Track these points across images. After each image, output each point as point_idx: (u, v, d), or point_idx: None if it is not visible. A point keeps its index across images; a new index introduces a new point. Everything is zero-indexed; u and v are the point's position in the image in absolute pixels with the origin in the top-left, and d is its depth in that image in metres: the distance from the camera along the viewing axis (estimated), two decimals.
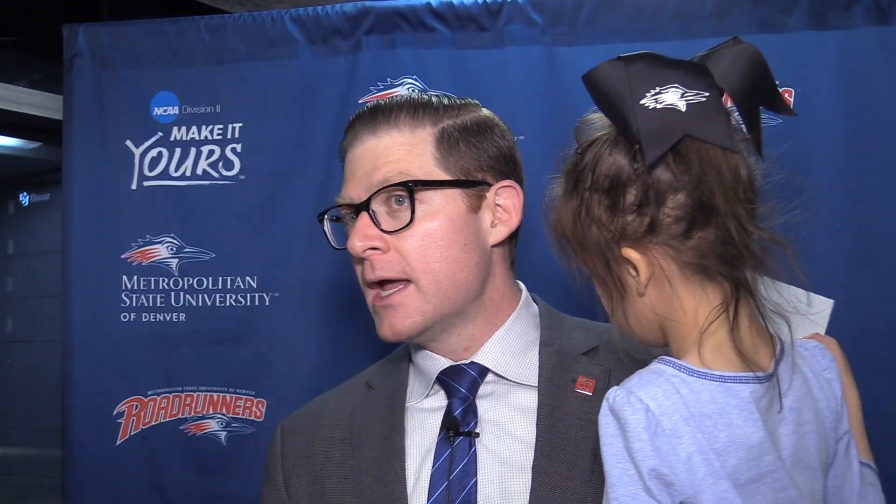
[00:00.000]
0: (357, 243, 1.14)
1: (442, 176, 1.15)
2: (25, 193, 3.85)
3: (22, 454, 3.85)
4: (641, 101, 0.88)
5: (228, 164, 2.10)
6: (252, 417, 2.06)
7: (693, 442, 0.87)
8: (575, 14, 1.97)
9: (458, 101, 1.22)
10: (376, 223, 1.14)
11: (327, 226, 1.25)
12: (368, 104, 1.21)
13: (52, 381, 2.94)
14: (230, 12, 2.58)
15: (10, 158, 3.42)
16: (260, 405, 2.07)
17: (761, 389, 0.91)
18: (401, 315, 1.15)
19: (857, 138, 1.83)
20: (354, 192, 1.17)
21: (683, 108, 0.88)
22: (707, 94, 0.89)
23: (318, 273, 2.05)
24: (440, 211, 1.14)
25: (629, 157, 0.91)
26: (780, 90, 1.88)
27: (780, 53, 1.87)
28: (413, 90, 2.02)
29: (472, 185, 1.17)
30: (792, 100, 1.86)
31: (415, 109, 1.18)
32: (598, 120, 0.96)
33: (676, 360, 0.92)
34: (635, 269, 0.92)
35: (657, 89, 0.89)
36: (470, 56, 2.01)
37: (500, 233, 1.20)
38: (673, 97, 0.89)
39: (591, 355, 1.19)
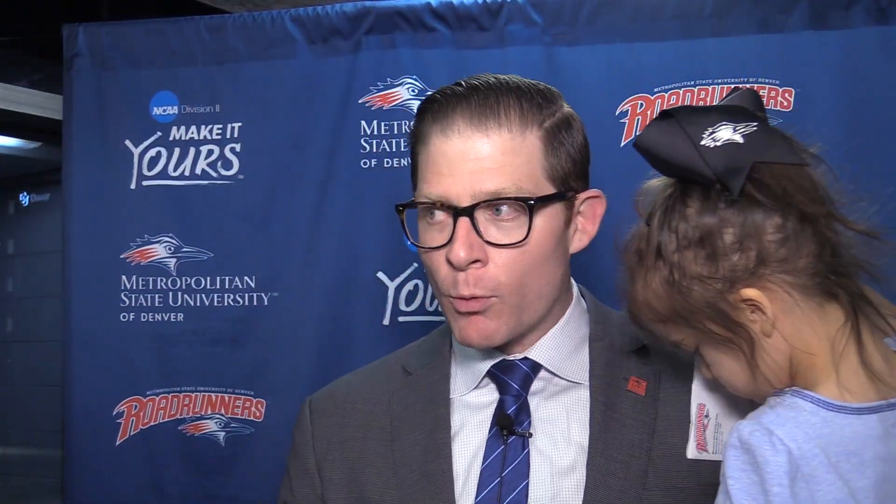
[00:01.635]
0: (461, 254, 1.04)
1: (549, 188, 1.08)
2: (25, 193, 3.85)
3: (22, 454, 3.85)
4: (702, 143, 0.88)
5: (227, 164, 2.10)
6: (251, 418, 2.06)
7: (831, 490, 0.84)
8: (575, 14, 1.97)
9: (546, 91, 1.13)
10: (479, 232, 1.06)
11: (405, 219, 1.14)
12: (463, 86, 1.09)
13: (52, 381, 2.94)
14: (230, 12, 2.58)
15: (10, 158, 3.42)
16: (259, 405, 2.06)
17: (893, 416, 0.88)
18: (483, 324, 1.08)
19: (857, 138, 1.83)
20: (453, 191, 1.05)
21: (741, 140, 0.88)
22: (755, 123, 0.90)
23: (316, 273, 2.05)
24: (545, 227, 1.08)
25: (710, 201, 0.89)
26: (781, 90, 1.89)
27: (780, 53, 1.87)
28: (413, 90, 2.02)
29: (570, 195, 1.11)
30: (792, 100, 1.86)
31: (520, 103, 1.08)
32: (655, 186, 0.95)
33: (812, 394, 0.88)
34: (757, 309, 0.89)
35: (710, 130, 0.89)
36: (470, 56, 2.01)
37: (580, 242, 1.15)
38: (727, 133, 0.89)
39: (641, 354, 1.16)
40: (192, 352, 2.08)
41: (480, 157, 1.05)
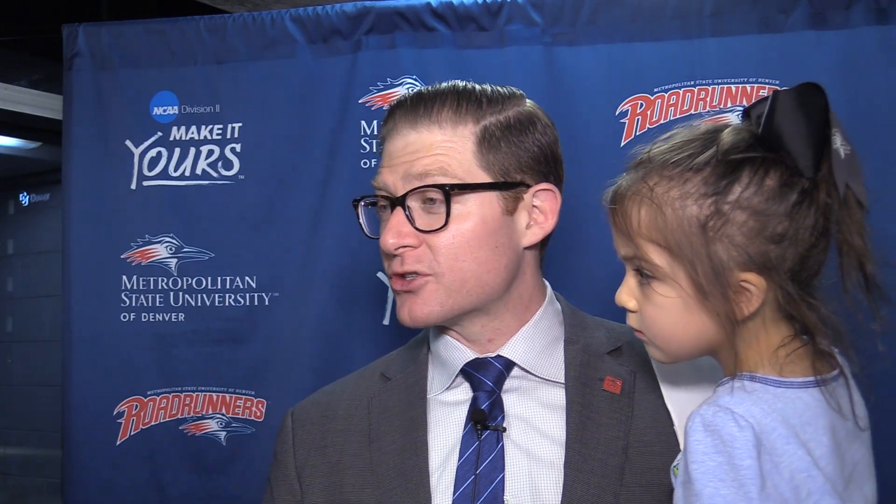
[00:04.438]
0: (390, 241, 1.14)
1: (481, 176, 1.14)
2: (25, 193, 3.84)
3: (22, 454, 3.85)
4: (833, 138, 0.86)
5: (228, 164, 2.10)
6: (252, 418, 2.06)
7: (793, 459, 0.86)
8: (575, 14, 1.97)
9: (502, 93, 1.20)
10: (411, 220, 1.14)
11: (361, 212, 1.23)
12: (411, 92, 1.20)
13: (52, 381, 2.94)
14: (230, 12, 2.58)
15: (10, 158, 3.42)
16: (260, 405, 2.06)
17: (832, 388, 0.91)
18: (420, 302, 1.15)
19: (857, 138, 1.82)
20: (391, 181, 1.16)
21: (843, 157, 0.86)
22: (850, 147, 0.88)
23: (317, 273, 2.05)
24: (474, 212, 1.14)
25: (791, 191, 0.87)
26: (780, 90, 1.90)
27: (780, 53, 1.87)
28: (413, 90, 2.02)
29: (509, 186, 1.16)
30: None
31: (458, 104, 1.16)
32: (746, 130, 0.92)
33: (758, 375, 0.90)
34: (747, 293, 0.89)
35: (834, 130, 0.87)
36: (470, 56, 2.01)
37: (534, 235, 1.19)
38: (837, 142, 0.87)
39: (615, 355, 1.19)
40: (193, 352, 2.08)
41: (412, 149, 1.15)
